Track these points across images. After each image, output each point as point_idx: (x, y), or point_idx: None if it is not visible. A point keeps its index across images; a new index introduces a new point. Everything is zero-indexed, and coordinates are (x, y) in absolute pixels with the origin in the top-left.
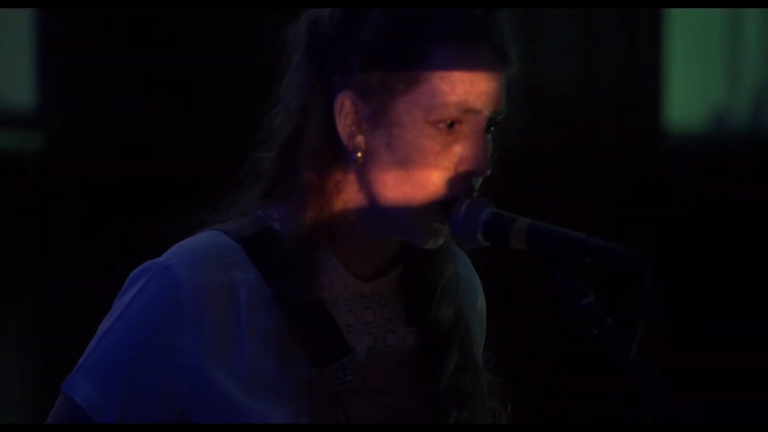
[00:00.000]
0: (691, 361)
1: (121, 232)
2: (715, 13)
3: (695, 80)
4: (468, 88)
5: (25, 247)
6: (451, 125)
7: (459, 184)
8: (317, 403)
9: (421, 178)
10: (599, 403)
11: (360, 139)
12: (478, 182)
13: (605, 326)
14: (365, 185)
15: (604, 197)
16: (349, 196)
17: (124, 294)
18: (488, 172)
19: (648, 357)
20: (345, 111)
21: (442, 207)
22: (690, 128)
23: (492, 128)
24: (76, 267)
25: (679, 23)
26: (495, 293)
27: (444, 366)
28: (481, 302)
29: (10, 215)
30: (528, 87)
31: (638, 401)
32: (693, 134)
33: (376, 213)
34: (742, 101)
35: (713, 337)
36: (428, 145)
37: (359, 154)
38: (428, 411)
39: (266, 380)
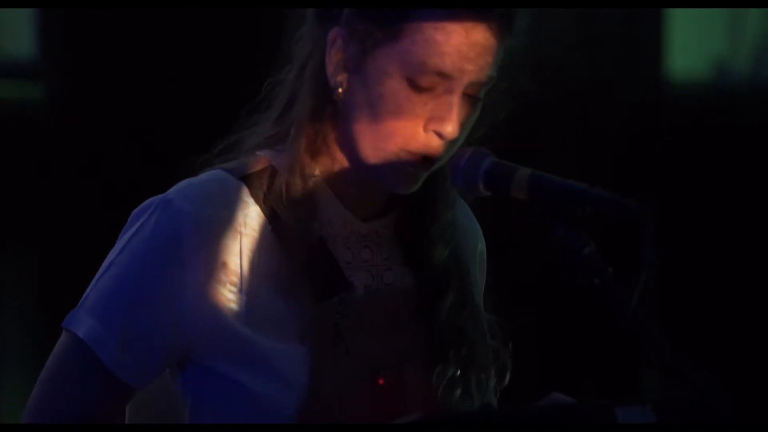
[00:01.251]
0: (691, 314)
1: (123, 183)
2: None
3: (696, 31)
4: (447, 52)
5: (25, 198)
6: (425, 85)
7: (426, 142)
8: (318, 337)
9: (391, 130)
10: (599, 355)
11: (343, 77)
12: (448, 145)
13: (606, 276)
14: (345, 127)
15: (604, 149)
16: (339, 135)
17: (127, 230)
18: (456, 136)
19: (648, 309)
20: (336, 46)
21: (412, 158)
22: (691, 79)
23: (477, 95)
24: (78, 218)
25: None
26: (495, 244)
27: (440, 305)
28: (481, 246)
29: (10, 166)
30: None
31: (639, 352)
32: (694, 85)
33: (354, 156)
34: (744, 52)
35: (714, 291)
36: (400, 100)
37: (340, 90)
38: (427, 348)
39: (267, 315)
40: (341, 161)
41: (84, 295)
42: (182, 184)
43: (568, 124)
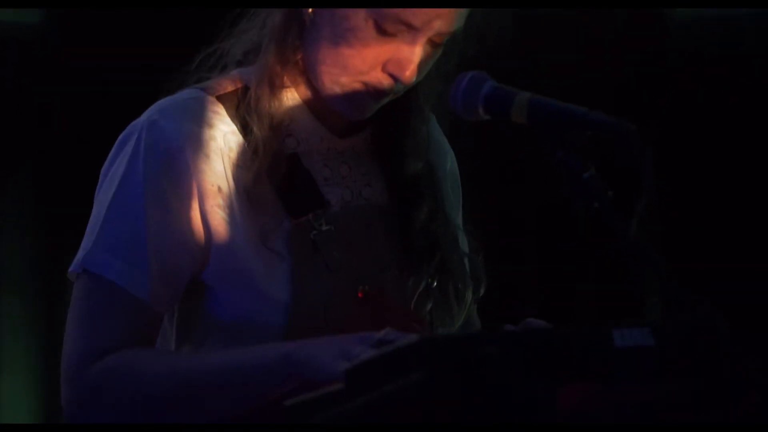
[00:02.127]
0: (690, 240)
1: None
2: None
3: None
4: (419, 9)
5: (23, 123)
6: (391, 31)
7: (381, 79)
8: (297, 253)
9: (349, 64)
10: (599, 283)
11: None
12: (399, 87)
13: (606, 200)
14: (308, 49)
15: (605, 77)
16: (304, 55)
17: (116, 159)
18: (411, 83)
19: (648, 234)
20: None
21: (365, 89)
22: (692, 7)
23: (440, 43)
24: (75, 142)
25: None
26: (495, 170)
27: (414, 216)
28: (451, 164)
29: (7, 89)
30: None
31: (638, 277)
32: (695, 13)
33: (314, 78)
34: None
35: (714, 218)
36: (364, 38)
37: (310, 11)
38: (403, 258)
39: (248, 235)
40: (310, 80)
41: (96, 234)
42: (161, 104)
43: (568, 50)
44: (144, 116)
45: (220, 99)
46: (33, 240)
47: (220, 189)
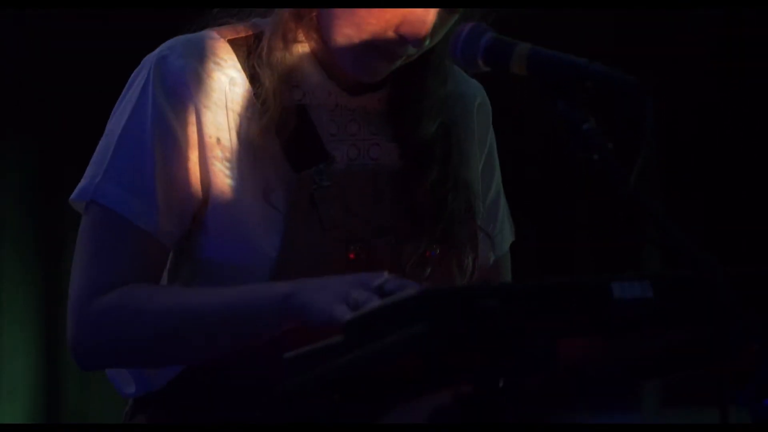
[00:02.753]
0: (690, 189)
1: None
2: None
3: None
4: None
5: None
6: None
7: (394, 43)
8: (293, 206)
9: (363, 22)
10: (598, 236)
11: None
12: (411, 51)
13: (606, 151)
14: (324, 12)
15: (604, 26)
16: (322, 11)
17: (127, 92)
18: (423, 47)
19: (648, 185)
20: None
21: (377, 53)
22: None
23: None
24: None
25: None
26: (495, 123)
27: (422, 180)
28: (480, 99)
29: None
30: None
31: (638, 229)
32: None
33: (327, 36)
34: None
35: (713, 165)
36: None
37: None
38: (403, 224)
39: (247, 182)
40: (323, 37)
41: (99, 161)
42: (173, 41)
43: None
44: (156, 51)
45: (232, 43)
46: (33, 194)
47: (219, 140)
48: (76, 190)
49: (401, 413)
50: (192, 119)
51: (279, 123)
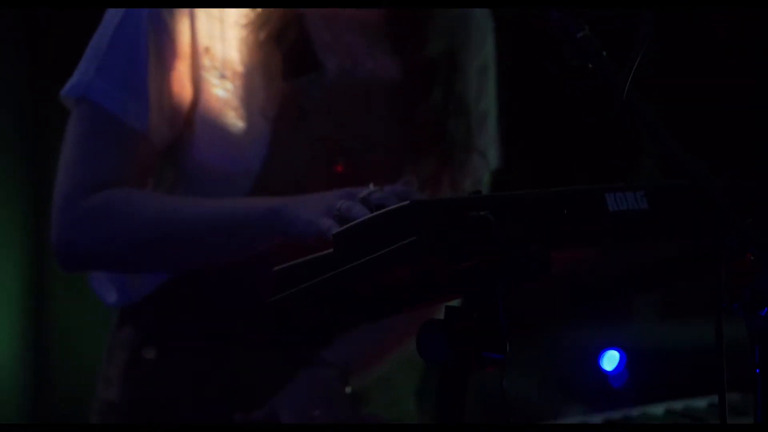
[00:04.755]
0: (687, 100)
1: None
2: None
3: None
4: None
5: None
6: None
7: None
8: (281, 114)
9: None
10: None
11: None
12: None
13: (601, 60)
14: None
15: None
16: None
17: None
18: None
19: (643, 94)
20: None
21: None
22: None
23: None
24: None
25: None
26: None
27: (423, 101)
28: (484, 17)
29: None
30: None
31: (633, 139)
32: None
33: None
34: None
35: (710, 77)
36: None
37: None
38: (397, 141)
39: (238, 88)
40: None
41: (92, 57)
42: None
43: None
44: None
45: None
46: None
47: (208, 50)
48: (67, 85)
49: (392, 326)
50: (186, 25)
51: (279, 33)
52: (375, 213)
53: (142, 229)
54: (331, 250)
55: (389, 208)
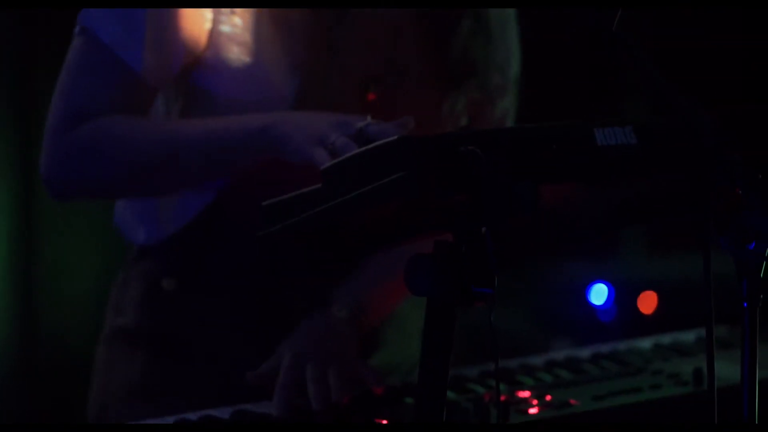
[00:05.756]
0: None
1: None
2: None
3: None
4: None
5: None
6: None
7: None
8: (310, 46)
9: None
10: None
11: None
12: None
13: None
14: None
15: None
16: None
17: None
18: None
19: (633, 29)
20: None
21: None
22: None
23: None
24: None
25: None
26: None
27: (453, 31)
28: None
29: None
30: None
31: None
32: None
33: None
34: None
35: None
36: None
37: None
38: (431, 72)
39: (264, 28)
40: None
41: None
42: None
43: None
44: None
45: None
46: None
47: None
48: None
49: (380, 261)
50: None
51: None
52: (363, 148)
53: (133, 149)
54: (319, 185)
55: (378, 143)
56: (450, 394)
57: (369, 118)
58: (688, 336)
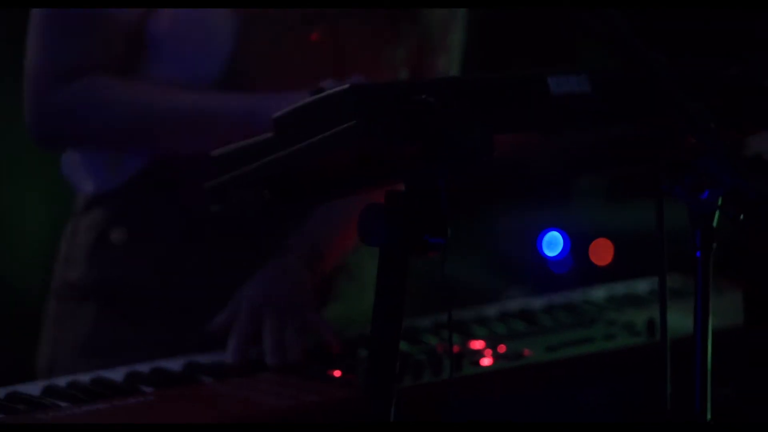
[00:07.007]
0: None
1: None
2: None
3: None
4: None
5: None
6: None
7: None
8: None
9: None
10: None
11: None
12: None
13: None
14: None
15: None
16: None
17: None
18: None
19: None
20: None
21: None
22: None
23: None
24: None
25: None
26: None
27: None
28: None
29: None
30: None
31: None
32: None
33: None
34: None
35: None
36: None
37: None
38: (377, 11)
39: None
40: None
41: None
42: None
43: None
44: None
45: None
46: None
47: None
48: None
49: (337, 207)
50: None
51: None
52: (315, 96)
53: (119, 117)
54: (270, 134)
55: (329, 91)
56: (403, 346)
57: (330, 80)
58: (642, 285)
